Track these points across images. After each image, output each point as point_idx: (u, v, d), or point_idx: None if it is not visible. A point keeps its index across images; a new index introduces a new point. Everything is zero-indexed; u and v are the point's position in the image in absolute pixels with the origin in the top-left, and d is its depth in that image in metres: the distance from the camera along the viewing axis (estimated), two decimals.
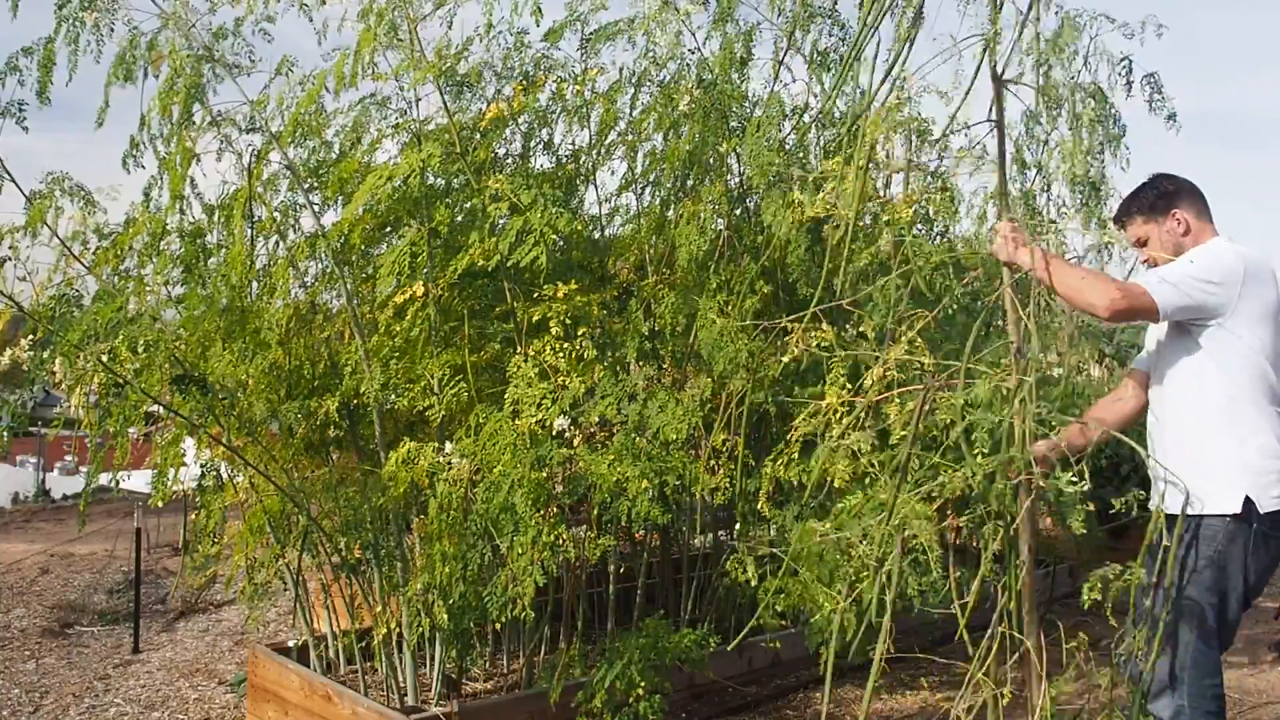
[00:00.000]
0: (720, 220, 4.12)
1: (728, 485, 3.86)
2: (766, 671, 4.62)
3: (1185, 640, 2.65)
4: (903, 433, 2.74)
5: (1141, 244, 2.89)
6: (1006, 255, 2.59)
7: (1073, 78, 2.76)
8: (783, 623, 3.93)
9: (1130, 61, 2.89)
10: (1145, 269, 2.88)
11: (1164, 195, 2.86)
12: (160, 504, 4.05)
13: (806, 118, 4.44)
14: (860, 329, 3.49)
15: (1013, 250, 2.58)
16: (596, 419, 3.71)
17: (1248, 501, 2.59)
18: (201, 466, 4.25)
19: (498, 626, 4.16)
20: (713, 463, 3.95)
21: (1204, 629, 2.63)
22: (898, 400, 2.93)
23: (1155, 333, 2.92)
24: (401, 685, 4.03)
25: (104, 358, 3.63)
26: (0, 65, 3.47)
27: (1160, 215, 2.86)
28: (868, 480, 3.52)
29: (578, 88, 4.26)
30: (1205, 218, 2.86)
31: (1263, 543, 2.62)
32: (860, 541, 2.84)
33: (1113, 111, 2.94)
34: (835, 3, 4.28)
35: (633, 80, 4.32)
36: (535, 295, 3.79)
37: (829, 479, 3.88)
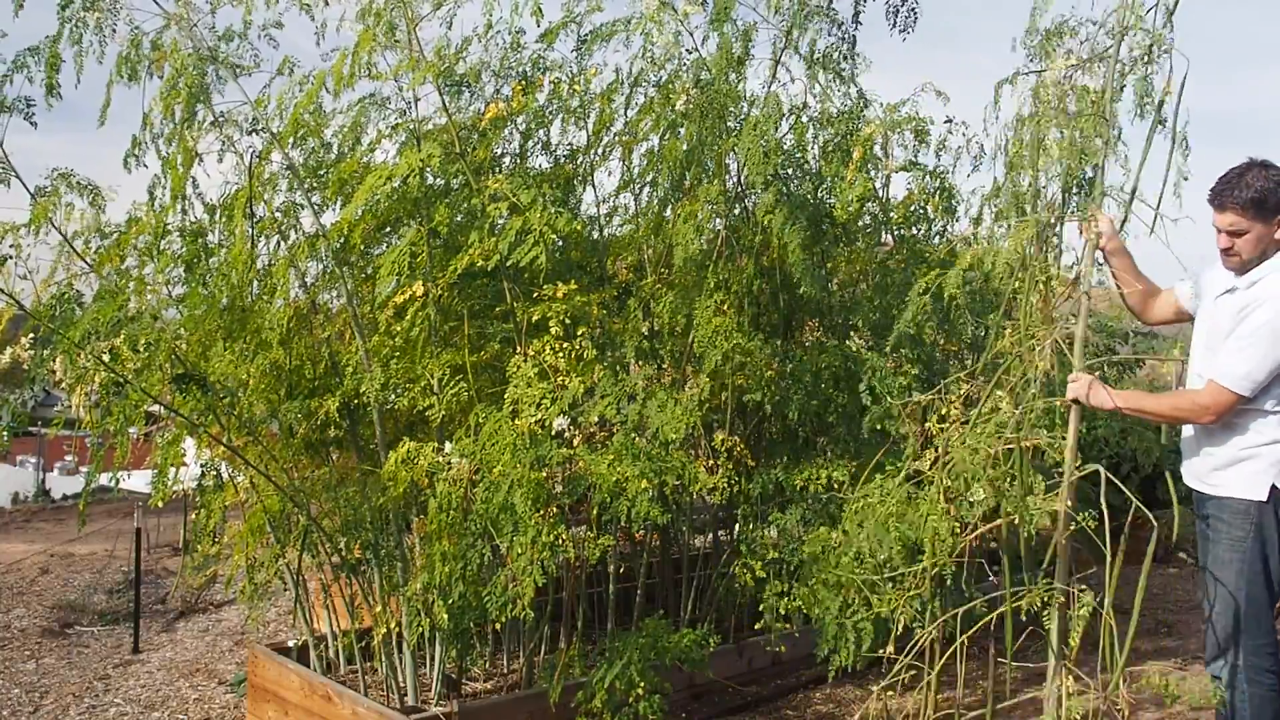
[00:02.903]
0: (718, 220, 4.13)
1: (727, 485, 3.86)
2: (766, 671, 4.62)
3: (1239, 602, 2.92)
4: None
5: (1234, 234, 2.91)
6: (1095, 402, 2.91)
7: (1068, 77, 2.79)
8: (785, 625, 3.94)
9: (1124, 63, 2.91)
10: (1224, 257, 2.97)
11: None
12: (160, 504, 4.05)
13: (805, 118, 4.45)
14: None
15: (1099, 398, 2.90)
16: (596, 419, 3.71)
17: (1273, 489, 2.89)
18: (201, 466, 4.26)
19: (498, 626, 4.16)
20: (712, 463, 3.95)
21: (1252, 594, 2.90)
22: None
23: (1206, 316, 3.06)
24: (401, 685, 4.03)
25: (105, 356, 3.63)
26: (6, 65, 3.48)
27: (1270, 216, 2.89)
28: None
29: (575, 88, 4.26)
30: None
31: None
32: (874, 552, 2.90)
33: (1108, 113, 2.95)
34: (831, 1, 4.29)
35: (629, 80, 4.32)
36: (535, 295, 3.79)
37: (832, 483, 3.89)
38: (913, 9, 4.18)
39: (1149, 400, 3.08)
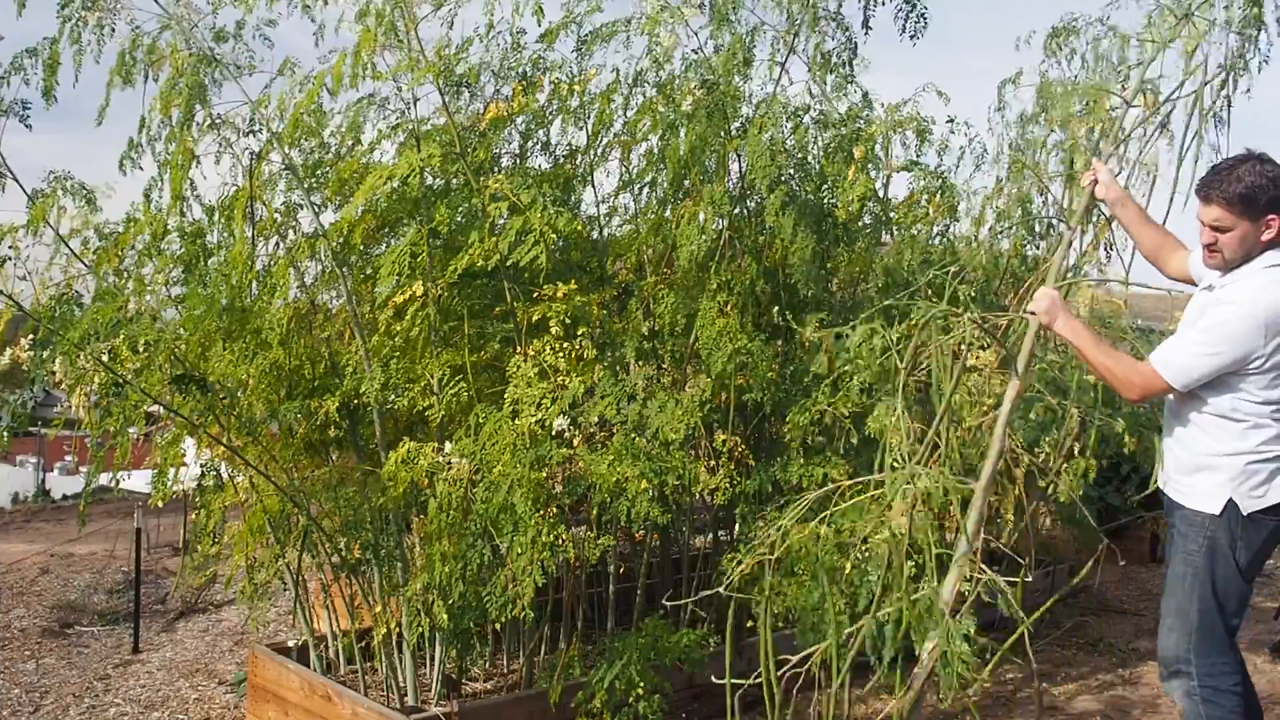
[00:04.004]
0: (721, 220, 4.12)
1: (728, 486, 3.86)
2: None
3: (1191, 618, 2.79)
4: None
5: (1219, 230, 2.76)
6: (1047, 319, 2.86)
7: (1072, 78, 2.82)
8: (781, 624, 3.93)
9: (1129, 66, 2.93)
10: (1206, 252, 2.83)
11: (1275, 200, 2.71)
12: (160, 504, 4.05)
13: (807, 119, 4.44)
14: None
15: (1053, 319, 2.86)
16: (596, 419, 3.71)
17: (1229, 503, 2.75)
18: (201, 466, 4.25)
19: (498, 626, 4.16)
20: (712, 463, 3.95)
21: (1204, 610, 2.77)
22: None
23: (1191, 305, 2.95)
24: (401, 685, 4.03)
25: (104, 357, 3.63)
26: (4, 66, 3.48)
27: (1259, 216, 2.72)
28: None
29: (575, 89, 4.26)
30: None
31: (1251, 523, 2.76)
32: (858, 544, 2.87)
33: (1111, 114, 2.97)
34: (840, 5, 4.29)
35: (629, 81, 4.32)
36: (535, 295, 3.79)
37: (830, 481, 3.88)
38: (922, 14, 4.18)
39: (1089, 344, 2.85)
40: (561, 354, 3.61)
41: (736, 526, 4.40)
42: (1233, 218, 2.72)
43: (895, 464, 2.88)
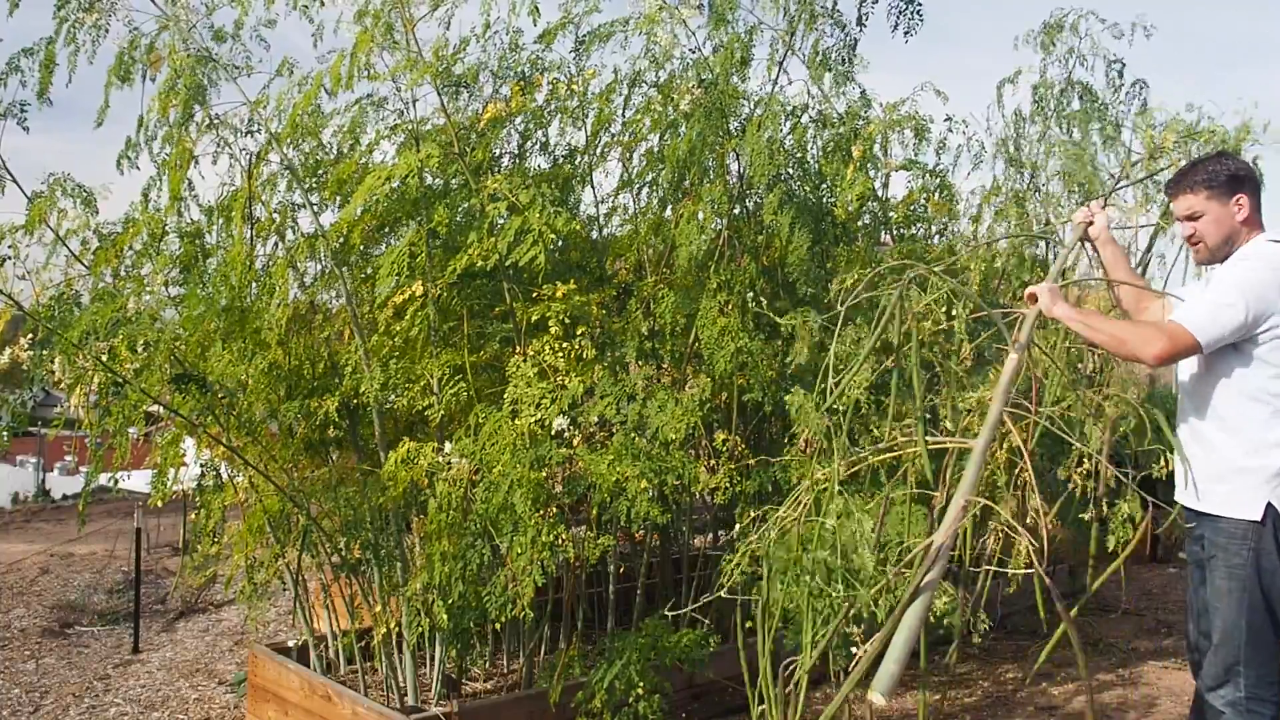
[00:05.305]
0: (720, 220, 4.12)
1: (727, 485, 3.86)
2: None
3: (1240, 633, 2.73)
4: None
5: (1192, 218, 2.83)
6: (1046, 309, 2.81)
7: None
8: (780, 624, 3.93)
9: (1123, 64, 2.94)
10: (1190, 246, 2.87)
11: (1235, 178, 2.80)
12: (160, 504, 4.05)
13: (805, 118, 4.44)
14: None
15: (1054, 302, 2.81)
16: (596, 419, 3.71)
17: (1269, 508, 2.68)
18: (201, 466, 4.25)
19: (498, 626, 4.16)
20: (712, 462, 3.95)
21: (1253, 623, 2.72)
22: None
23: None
24: (401, 685, 4.03)
25: (103, 357, 3.63)
26: (1, 66, 3.48)
27: (1225, 196, 2.79)
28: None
29: (573, 89, 4.26)
30: (1259, 213, 2.83)
31: None
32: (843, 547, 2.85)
33: (1108, 113, 2.98)
34: (835, 3, 4.29)
35: (628, 81, 4.32)
36: (534, 295, 3.79)
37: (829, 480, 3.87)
38: (916, 10, 4.16)
39: (1094, 318, 2.84)
40: (561, 354, 3.61)
41: (736, 526, 4.40)
42: (1201, 200, 2.80)
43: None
